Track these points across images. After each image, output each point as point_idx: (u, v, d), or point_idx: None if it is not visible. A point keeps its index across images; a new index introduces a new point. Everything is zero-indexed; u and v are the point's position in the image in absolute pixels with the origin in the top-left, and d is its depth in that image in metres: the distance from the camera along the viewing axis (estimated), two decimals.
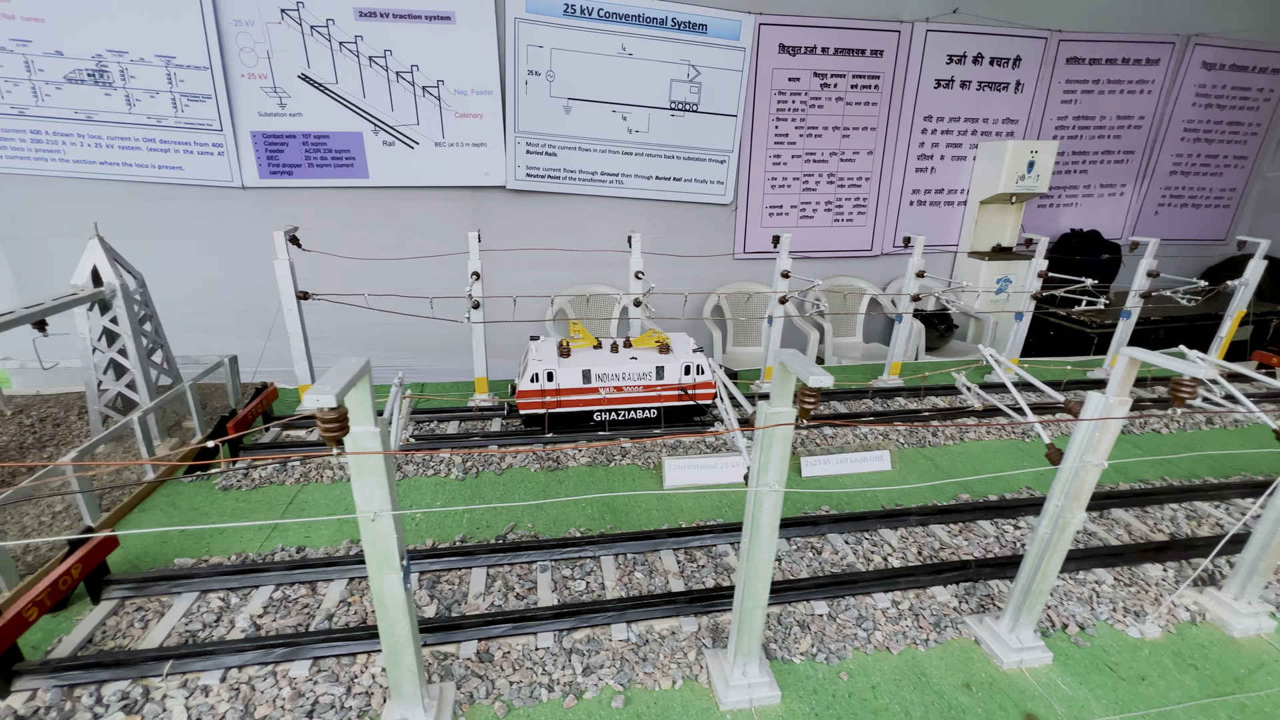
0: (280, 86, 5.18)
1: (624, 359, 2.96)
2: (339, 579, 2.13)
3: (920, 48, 6.06)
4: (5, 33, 4.69)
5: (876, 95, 6.18)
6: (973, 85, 6.32)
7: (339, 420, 1.06)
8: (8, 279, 5.35)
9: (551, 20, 5.37)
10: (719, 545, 2.35)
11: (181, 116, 5.10)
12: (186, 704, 1.63)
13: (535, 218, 6.03)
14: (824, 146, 6.30)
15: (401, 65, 5.27)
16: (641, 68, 5.65)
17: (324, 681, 1.71)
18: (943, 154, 6.57)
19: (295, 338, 3.18)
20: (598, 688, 1.72)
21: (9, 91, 4.84)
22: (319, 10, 5.02)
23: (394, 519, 1.27)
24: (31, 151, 5.03)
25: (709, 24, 5.63)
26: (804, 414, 1.20)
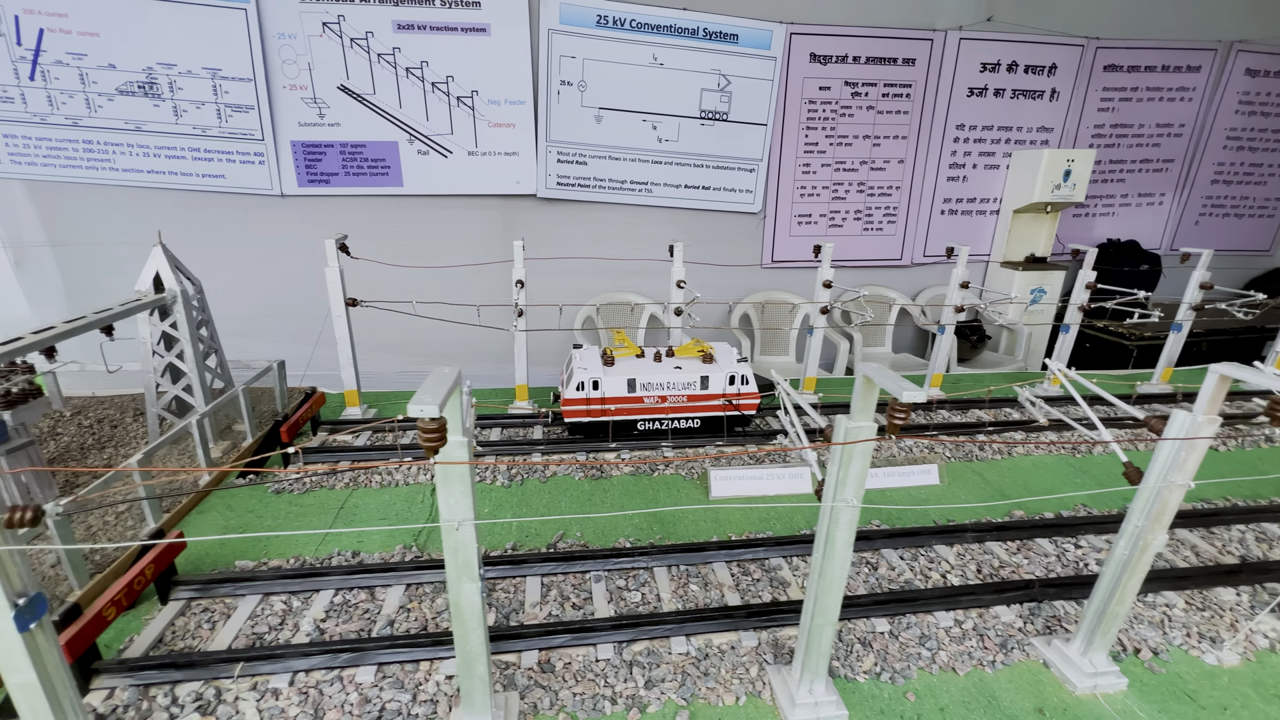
0: (320, 97, 5.30)
1: (668, 368, 2.95)
2: (396, 585, 2.14)
3: (953, 56, 6.01)
4: (62, 46, 4.87)
5: (908, 104, 6.14)
6: (1006, 93, 6.25)
7: (439, 430, 1.06)
8: (57, 283, 5.52)
9: (584, 31, 5.43)
10: (772, 559, 2.31)
11: (225, 127, 5.24)
12: (258, 706, 1.64)
13: (565, 226, 6.07)
14: (854, 155, 6.26)
15: (437, 76, 5.37)
16: (672, 77, 5.68)
17: (389, 687, 1.71)
18: (975, 162, 6.48)
19: (343, 344, 3.22)
20: (660, 702, 1.70)
21: (64, 103, 5.02)
22: (359, 23, 5.14)
23: (474, 529, 1.26)
24: (83, 160, 5.20)
25: (740, 34, 5.64)
26: (893, 429, 1.17)
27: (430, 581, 2.17)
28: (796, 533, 2.42)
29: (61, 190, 5.27)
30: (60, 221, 5.35)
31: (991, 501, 2.75)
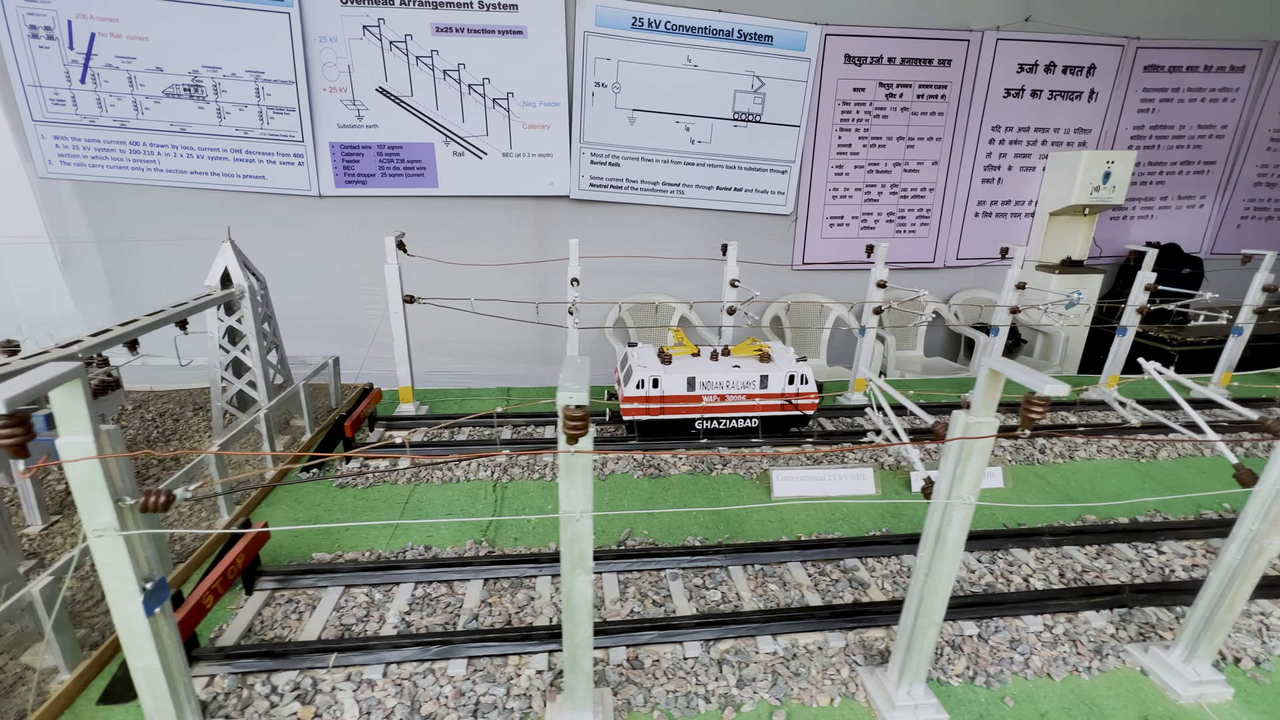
0: (359, 99, 5.37)
1: (726, 367, 2.92)
2: (474, 579, 2.13)
3: (990, 56, 5.95)
4: (112, 50, 4.98)
5: (943, 105, 6.08)
6: (1044, 94, 6.17)
7: (584, 418, 1.04)
8: (101, 281, 5.63)
9: (620, 33, 5.45)
10: (846, 560, 2.27)
11: (267, 129, 5.32)
12: (355, 697, 1.63)
13: (596, 227, 6.07)
14: (887, 157, 6.21)
15: (474, 78, 5.41)
16: (706, 79, 5.68)
17: (481, 681, 1.70)
18: (1010, 164, 6.40)
19: (399, 341, 3.23)
20: (754, 701, 1.67)
21: (112, 105, 5.13)
22: (399, 26, 5.20)
23: (591, 520, 1.24)
24: (129, 162, 5.30)
25: (775, 35, 5.63)
26: (1028, 424, 1.13)
27: (507, 576, 2.16)
28: (865, 533, 2.38)
29: (107, 191, 5.37)
30: (105, 221, 5.46)
31: (1058, 505, 2.68)
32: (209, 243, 4.88)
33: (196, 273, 5.61)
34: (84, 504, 1.06)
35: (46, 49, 4.92)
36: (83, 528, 1.08)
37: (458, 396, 3.87)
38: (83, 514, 1.07)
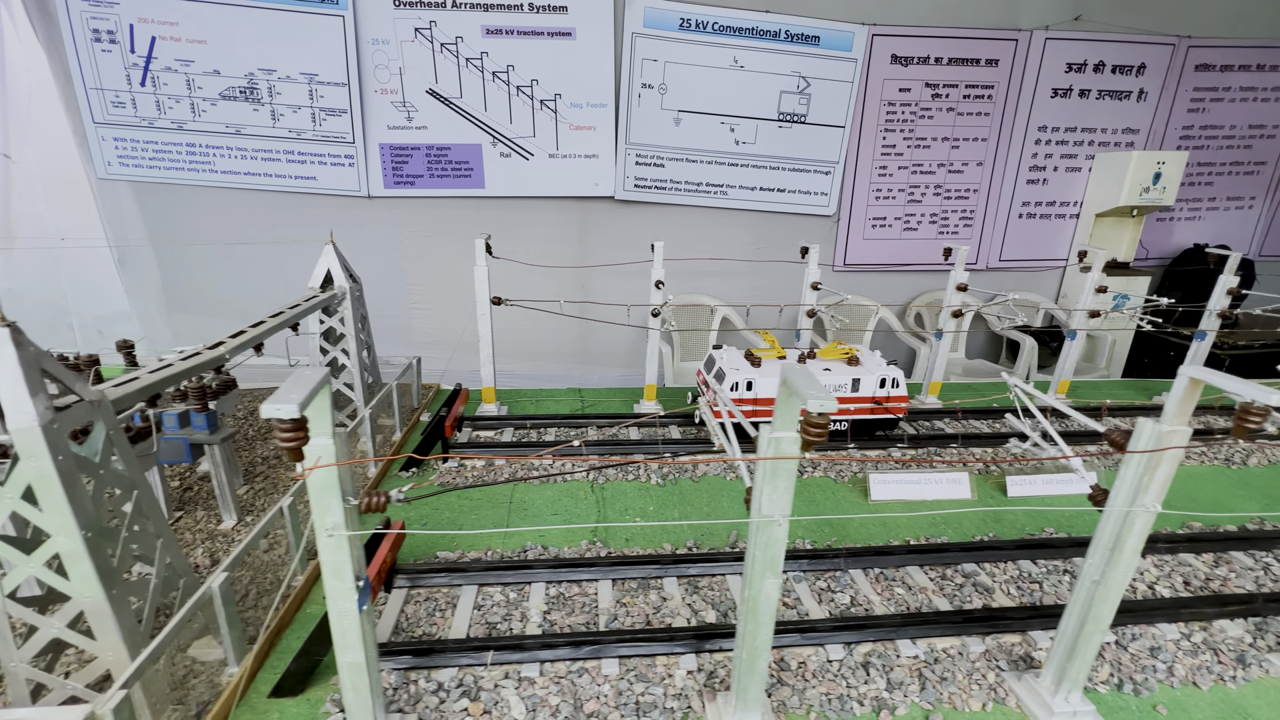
0: (409, 101, 5.42)
1: (817, 370, 2.92)
2: (603, 579, 2.17)
3: (1038, 56, 5.88)
4: (172, 53, 5.07)
5: (989, 105, 6.03)
6: (1092, 94, 6.09)
7: (824, 425, 1.06)
8: (156, 281, 5.74)
9: (667, 34, 5.45)
10: (964, 564, 2.29)
11: (319, 130, 5.39)
12: (519, 694, 1.67)
13: (639, 228, 6.08)
14: (932, 158, 6.17)
15: (522, 80, 5.45)
16: (752, 80, 5.67)
17: (636, 681, 1.73)
18: (1056, 165, 6.33)
19: (485, 341, 3.27)
20: (906, 705, 1.70)
21: (171, 107, 5.22)
22: (449, 29, 5.24)
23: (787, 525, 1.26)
24: (185, 163, 5.40)
25: (822, 35, 5.61)
26: (1242, 433, 1.13)
27: (634, 577, 2.19)
28: (972, 538, 2.39)
29: (163, 191, 5.47)
30: (161, 221, 5.56)
31: (1162, 511, 2.66)
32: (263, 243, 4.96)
33: (244, 273, 5.72)
34: (318, 504, 1.09)
35: (109, 53, 5.02)
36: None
37: (530, 397, 3.92)
38: (315, 514, 1.11)
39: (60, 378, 1.33)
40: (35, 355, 1.29)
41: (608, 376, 6.39)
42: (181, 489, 2.51)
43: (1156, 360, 6.50)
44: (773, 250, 6.29)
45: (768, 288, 6.49)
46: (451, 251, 5.97)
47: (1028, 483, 2.70)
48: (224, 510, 2.35)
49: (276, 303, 6.18)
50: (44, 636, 1.41)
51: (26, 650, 1.40)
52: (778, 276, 6.30)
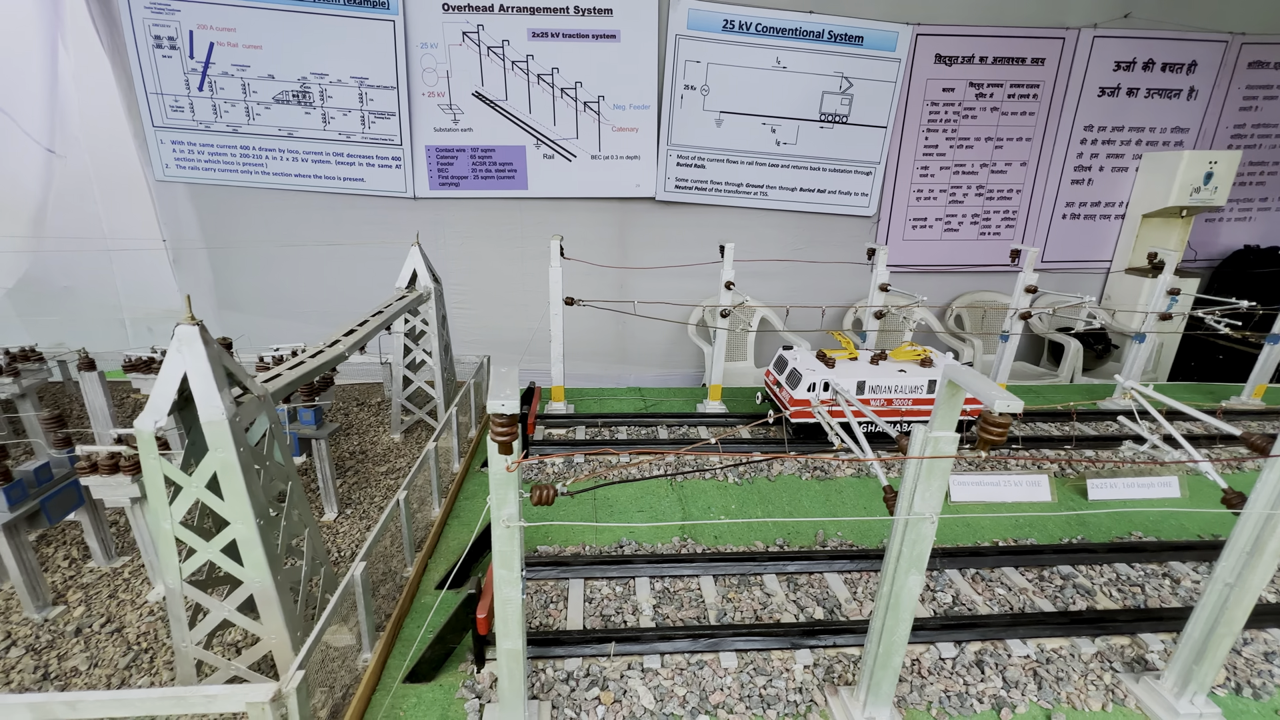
0: (455, 104, 5.50)
1: (891, 371, 2.93)
2: (704, 575, 2.21)
3: (1086, 54, 5.80)
4: (229, 58, 5.21)
5: (1034, 104, 5.95)
6: (1140, 93, 5.99)
7: (1007, 425, 1.08)
8: (208, 279, 5.89)
9: (710, 36, 5.47)
10: (1061, 567, 2.29)
11: (368, 133, 5.50)
12: (645, 684, 1.71)
13: (677, 228, 6.11)
14: (974, 158, 6.11)
15: (567, 82, 5.50)
16: (794, 80, 5.66)
17: (755, 674, 1.76)
18: (1102, 165, 6.23)
19: (556, 340, 3.32)
20: (1025, 703, 1.71)
21: (226, 111, 5.36)
22: (496, 32, 5.31)
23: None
24: (240, 165, 5.54)
25: (865, 35, 5.59)
26: None
27: (734, 573, 2.22)
28: (1060, 540, 2.39)
29: (218, 193, 5.62)
30: (215, 221, 5.71)
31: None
32: (311, 245, 5.04)
33: (294, 273, 5.84)
34: (497, 496, 1.14)
35: (169, 58, 5.17)
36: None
37: (593, 395, 3.97)
38: (494, 505, 1.15)
39: (235, 374, 1.39)
40: (218, 353, 1.35)
41: (644, 376, 6.43)
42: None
43: (1204, 364, 6.37)
44: (812, 251, 6.29)
45: (804, 289, 6.48)
46: (493, 251, 6.06)
47: (1109, 486, 2.68)
48: (325, 503, 2.41)
49: (324, 302, 6.27)
50: (214, 619, 1.48)
51: (197, 632, 1.47)
52: (814, 277, 6.30)
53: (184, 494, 1.38)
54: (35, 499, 1.84)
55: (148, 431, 1.29)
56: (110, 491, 1.85)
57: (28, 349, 2.87)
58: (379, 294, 6.06)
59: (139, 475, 1.88)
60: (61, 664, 1.77)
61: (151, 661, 1.77)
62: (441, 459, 2.77)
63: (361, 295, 5.84)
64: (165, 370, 1.29)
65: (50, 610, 1.98)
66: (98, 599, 2.03)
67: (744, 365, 6.18)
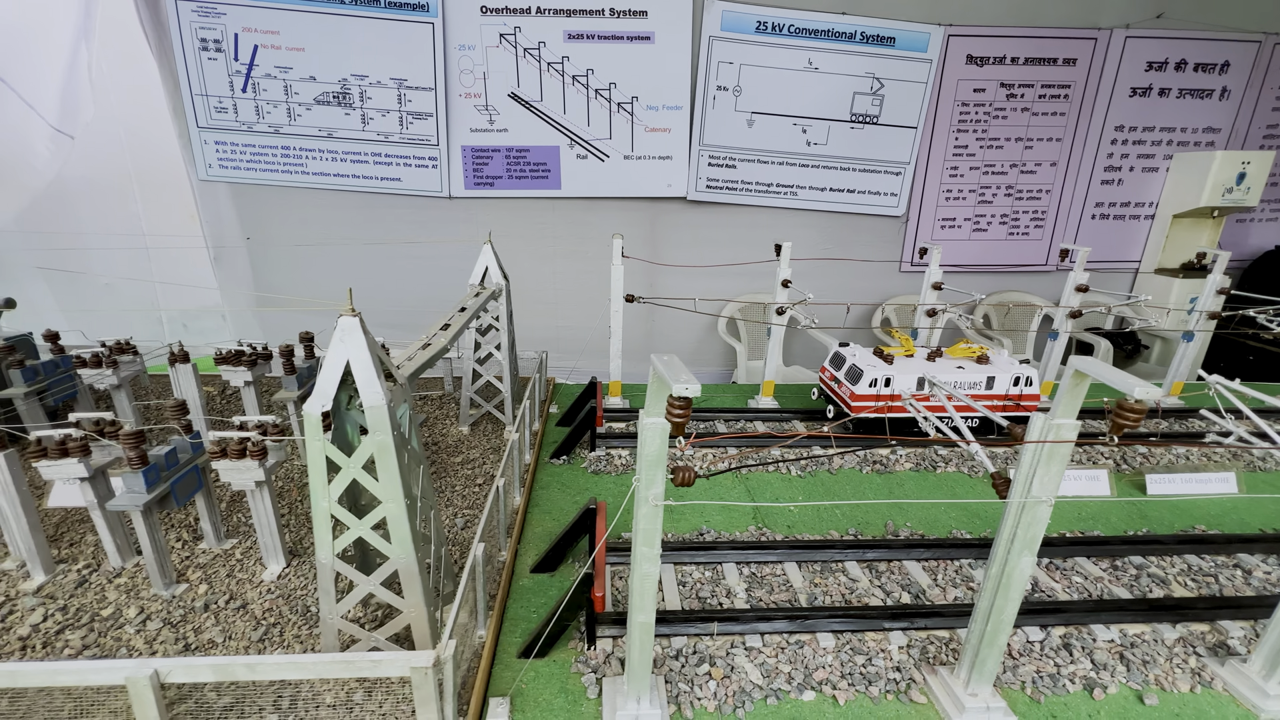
0: (491, 104, 5.59)
1: (950, 367, 2.98)
2: (788, 561, 2.28)
3: (1118, 55, 5.81)
4: (272, 61, 5.31)
5: (1065, 105, 5.97)
6: (1172, 93, 5.99)
7: (1142, 412, 1.13)
8: (247, 277, 6.00)
9: (744, 37, 5.53)
10: (1132, 557, 2.35)
11: (406, 133, 5.59)
12: (751, 661, 1.79)
13: (707, 228, 6.17)
14: (1004, 158, 6.13)
15: (601, 83, 5.57)
16: (825, 81, 5.71)
17: (853, 653, 1.84)
18: (1132, 165, 6.24)
19: (616, 337, 3.39)
20: (1115, 684, 1.77)
21: (269, 112, 5.47)
22: (533, 34, 5.39)
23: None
24: (280, 165, 5.64)
25: (897, 37, 5.62)
26: None
27: (815, 560, 2.31)
28: (1125, 533, 2.44)
29: (258, 192, 5.73)
30: (255, 220, 5.82)
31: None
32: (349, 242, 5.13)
33: (330, 270, 5.94)
34: (646, 476, 1.21)
35: (214, 60, 5.28)
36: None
37: (643, 391, 4.05)
38: (642, 484, 1.22)
39: (384, 361, 1.47)
40: (374, 342, 1.42)
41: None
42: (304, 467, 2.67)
43: (1233, 364, 6.35)
44: (840, 251, 6.32)
45: (832, 288, 6.50)
46: (526, 250, 6.13)
47: (1167, 481, 2.72)
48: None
49: (359, 299, 6.34)
50: (360, 593, 1.56)
51: (343, 605, 1.55)
52: (843, 276, 6.33)
53: (342, 474, 1.46)
54: (166, 482, 1.93)
55: (315, 415, 1.37)
56: (238, 475, 1.94)
57: (122, 342, 2.97)
58: (413, 291, 6.16)
59: (264, 460, 1.97)
60: (198, 636, 1.87)
61: (281, 635, 1.86)
62: (520, 451, 2.87)
63: (396, 292, 5.95)
64: (330, 359, 1.36)
65: (176, 587, 2.08)
66: (216, 578, 2.13)
67: (771, 363, 6.21)
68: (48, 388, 2.64)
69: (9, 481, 1.94)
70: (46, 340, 2.91)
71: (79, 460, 1.91)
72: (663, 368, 1.11)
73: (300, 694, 1.31)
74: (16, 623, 1.90)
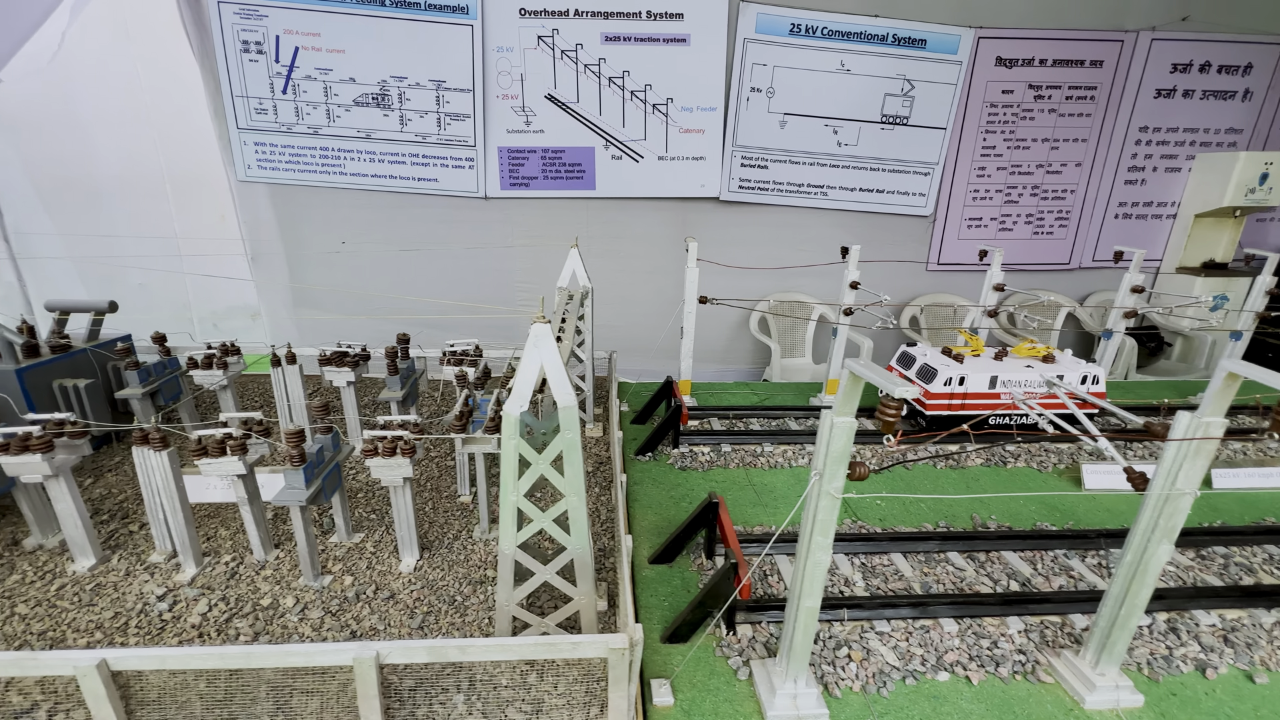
0: (528, 106, 5.65)
1: (1019, 367, 3.08)
2: (894, 552, 2.37)
3: (1143, 57, 5.90)
4: (312, 62, 5.36)
5: (1091, 106, 6.06)
6: (1196, 94, 6.09)
7: None
8: (284, 276, 6.06)
9: (778, 39, 5.60)
10: (1217, 547, 2.48)
11: (443, 134, 5.65)
12: (883, 644, 1.88)
13: (738, 227, 6.25)
14: (1030, 159, 6.22)
15: (636, 85, 5.64)
16: (857, 83, 5.78)
17: (976, 637, 1.93)
18: (1155, 165, 6.34)
19: (688, 337, 3.47)
20: (1224, 665, 1.91)
21: (308, 114, 5.52)
22: (570, 36, 5.45)
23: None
24: (318, 166, 5.70)
25: (929, 39, 5.70)
26: None
27: (920, 551, 2.40)
28: (1202, 524, 2.55)
29: (296, 192, 5.78)
30: (292, 220, 5.87)
31: None
32: (384, 242, 5.18)
33: (364, 271, 6.00)
34: (830, 471, 1.29)
35: (255, 62, 5.33)
36: None
37: (704, 390, 4.14)
38: (825, 477, 1.30)
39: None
40: (562, 346, 1.50)
41: (703, 371, 6.57)
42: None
43: (1258, 362, 6.46)
44: (869, 250, 6.39)
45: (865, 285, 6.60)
46: (559, 250, 6.20)
47: (1231, 475, 2.83)
48: None
49: (393, 299, 6.36)
50: (537, 580, 1.65)
51: (519, 592, 1.64)
52: (869, 277, 6.41)
53: (531, 469, 1.54)
54: (319, 478, 2.01)
55: (514, 416, 1.45)
56: (388, 472, 2.02)
57: (228, 344, 3.05)
58: (449, 291, 6.21)
59: (413, 457, 2.04)
60: (359, 624, 1.95)
61: (437, 622, 1.95)
62: (601, 448, 2.98)
63: (431, 292, 6.01)
64: (525, 363, 1.45)
65: (324, 578, 2.16)
66: (357, 569, 2.22)
67: (802, 361, 6.32)
68: (159, 388, 2.72)
69: (170, 479, 2.02)
70: (154, 342, 2.98)
71: (239, 458, 1.98)
72: (871, 373, 1.19)
73: (476, 677, 1.38)
74: (184, 611, 1.99)
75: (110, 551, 2.28)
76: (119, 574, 2.16)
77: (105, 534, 2.38)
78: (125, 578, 2.15)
